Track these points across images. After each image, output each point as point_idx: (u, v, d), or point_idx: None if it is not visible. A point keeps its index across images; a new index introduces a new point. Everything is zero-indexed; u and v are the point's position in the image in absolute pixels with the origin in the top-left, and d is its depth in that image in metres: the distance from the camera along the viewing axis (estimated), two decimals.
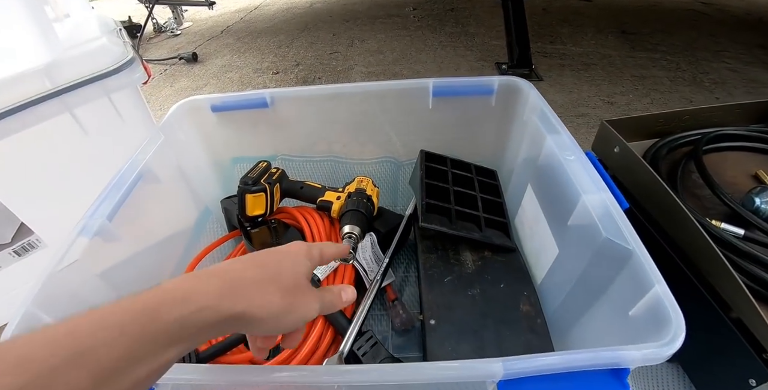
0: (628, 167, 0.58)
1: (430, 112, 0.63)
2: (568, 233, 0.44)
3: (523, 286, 0.49)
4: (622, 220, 0.38)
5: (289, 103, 0.65)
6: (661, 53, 1.51)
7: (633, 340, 0.36)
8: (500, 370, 0.26)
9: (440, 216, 0.53)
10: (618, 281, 0.38)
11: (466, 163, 0.65)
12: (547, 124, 0.50)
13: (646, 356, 0.29)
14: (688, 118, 0.69)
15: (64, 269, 0.41)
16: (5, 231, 0.64)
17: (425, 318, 0.45)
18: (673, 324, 0.30)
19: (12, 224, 0.64)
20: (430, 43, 1.54)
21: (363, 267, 0.54)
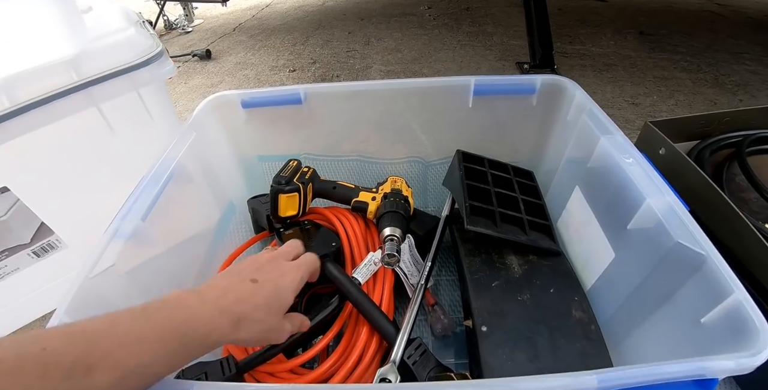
0: (676, 169, 0.56)
1: (468, 110, 0.61)
2: (627, 237, 0.42)
3: (573, 292, 0.47)
4: (692, 224, 0.36)
5: (321, 100, 0.63)
6: (681, 54, 1.49)
7: (706, 350, 0.34)
8: (594, 381, 0.24)
9: (485, 219, 0.51)
10: (687, 288, 0.36)
11: (503, 164, 0.63)
12: (598, 125, 0.49)
13: (738, 365, 0.27)
14: (728, 119, 0.68)
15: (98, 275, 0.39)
16: (24, 231, 0.62)
17: (476, 325, 0.43)
18: (760, 332, 0.28)
19: (32, 224, 0.62)
20: (448, 43, 1.52)
21: (404, 271, 0.52)
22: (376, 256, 0.50)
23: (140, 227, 0.44)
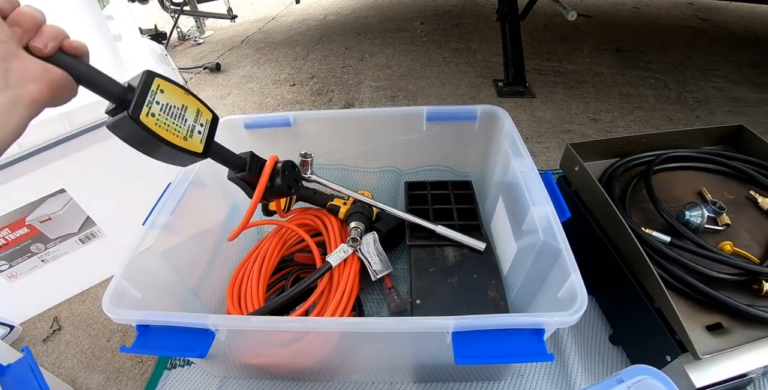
0: (586, 184, 0.70)
1: (424, 132, 0.76)
2: (522, 236, 0.57)
3: (492, 277, 0.62)
4: (558, 227, 0.50)
5: (306, 124, 0.79)
6: (651, 71, 1.62)
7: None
8: (452, 323, 0.39)
9: (423, 233, 0.67)
10: (552, 273, 0.50)
11: (443, 182, 0.80)
12: (514, 149, 0.63)
13: (558, 322, 0.42)
14: (646, 141, 0.81)
15: (142, 252, 0.55)
16: (74, 223, 0.79)
17: (413, 299, 0.58)
18: (578, 300, 0.43)
19: (80, 217, 0.79)
20: (434, 59, 1.66)
21: (367, 259, 0.67)
22: (345, 246, 0.65)
23: (170, 219, 0.60)
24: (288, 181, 0.54)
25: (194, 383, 0.68)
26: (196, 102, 0.43)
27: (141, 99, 0.37)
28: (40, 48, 0.32)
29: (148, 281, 0.55)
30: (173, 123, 0.39)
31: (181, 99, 0.41)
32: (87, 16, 0.69)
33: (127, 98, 0.36)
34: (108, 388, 0.73)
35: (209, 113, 0.45)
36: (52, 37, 0.32)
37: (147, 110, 0.37)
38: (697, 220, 0.66)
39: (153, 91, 0.38)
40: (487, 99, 1.37)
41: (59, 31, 0.33)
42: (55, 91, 0.32)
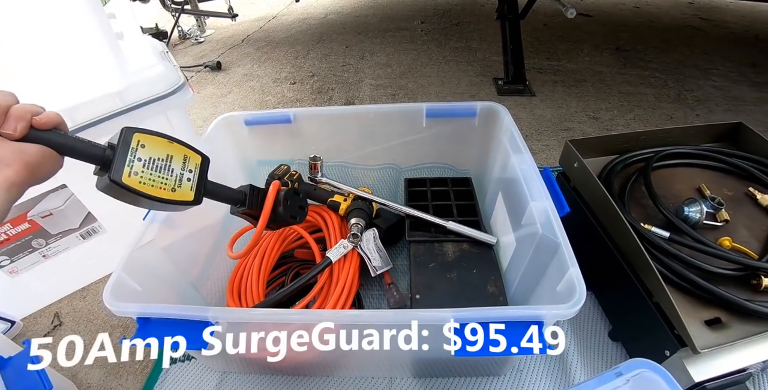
0: (585, 180, 0.71)
1: (424, 129, 0.77)
2: (521, 230, 0.57)
3: (491, 272, 0.62)
4: (556, 221, 0.51)
5: (306, 120, 0.79)
6: (651, 70, 1.62)
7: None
8: (450, 315, 0.40)
9: (422, 230, 0.67)
10: (551, 266, 0.51)
11: (443, 179, 0.80)
12: (513, 145, 0.63)
13: (557, 314, 0.42)
14: (645, 138, 0.82)
15: (142, 247, 0.55)
16: (75, 218, 0.79)
17: (412, 294, 0.58)
18: (577, 293, 0.43)
19: (81, 212, 0.79)
20: (434, 58, 1.67)
21: (367, 255, 0.67)
22: (345, 242, 0.65)
23: (170, 215, 0.60)
24: (292, 211, 0.54)
25: (194, 378, 0.68)
26: (181, 148, 0.42)
27: (121, 160, 0.37)
28: (10, 133, 0.33)
29: (149, 275, 0.55)
30: (159, 177, 0.39)
31: (165, 149, 0.41)
32: (89, 13, 0.69)
33: (109, 159, 0.37)
34: (108, 383, 0.73)
35: (198, 157, 0.44)
36: (18, 119, 0.33)
37: (129, 170, 0.37)
38: (696, 216, 0.67)
39: (133, 148, 0.38)
40: (487, 97, 1.38)
41: (26, 110, 0.34)
42: (34, 169, 0.33)
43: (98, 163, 0.37)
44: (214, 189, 0.48)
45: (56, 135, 0.35)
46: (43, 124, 0.34)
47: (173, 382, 0.69)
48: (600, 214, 0.69)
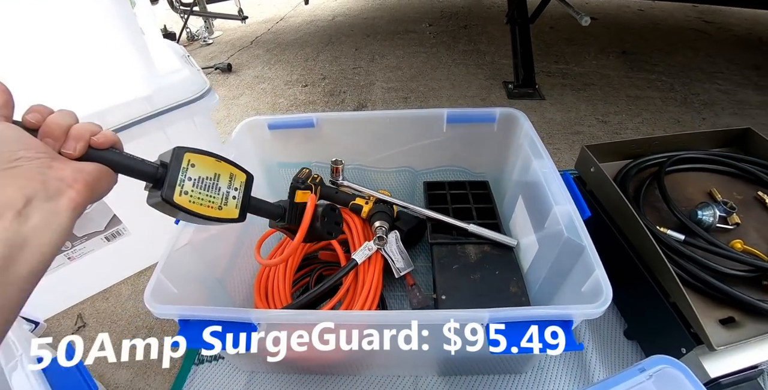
0: (601, 184, 0.73)
1: (444, 134, 0.79)
2: (544, 234, 0.59)
3: (513, 274, 0.64)
4: (580, 225, 0.53)
5: (329, 124, 0.81)
6: (657, 74, 1.64)
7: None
8: (486, 315, 0.42)
9: (444, 232, 0.70)
10: (575, 269, 0.53)
11: (460, 182, 0.82)
12: (534, 151, 0.65)
13: (585, 314, 0.44)
14: (657, 143, 0.84)
15: (178, 249, 0.57)
16: (101, 220, 0.81)
17: (438, 295, 0.60)
18: (604, 293, 0.45)
19: (106, 215, 0.81)
20: (444, 61, 1.69)
21: (391, 257, 0.69)
22: (371, 244, 0.67)
23: None
24: (328, 227, 0.55)
25: (223, 378, 0.70)
26: (228, 167, 0.44)
27: (173, 179, 0.38)
28: (70, 153, 0.34)
29: (183, 277, 0.57)
30: (207, 195, 0.41)
31: (213, 168, 0.42)
32: (119, 16, 0.70)
33: (161, 178, 0.38)
34: (136, 383, 0.74)
35: (243, 175, 0.46)
36: (78, 139, 0.34)
37: (180, 190, 0.38)
38: (709, 219, 0.69)
39: (184, 167, 0.39)
40: (497, 100, 1.40)
41: (86, 129, 0.35)
42: (93, 188, 0.34)
43: (150, 180, 0.38)
44: (257, 205, 0.49)
45: (112, 154, 0.36)
46: (100, 143, 0.35)
47: (201, 382, 0.70)
48: (616, 217, 0.71)
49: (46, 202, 0.31)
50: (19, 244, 0.29)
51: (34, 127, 0.33)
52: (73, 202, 0.32)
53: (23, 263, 0.29)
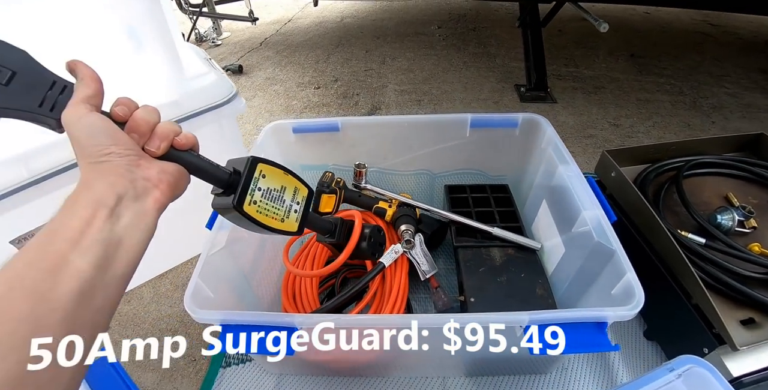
0: (622, 188, 0.74)
1: (466, 138, 0.80)
2: (572, 237, 0.61)
3: (538, 276, 0.66)
4: (609, 229, 0.54)
5: (353, 129, 0.82)
6: (666, 78, 1.66)
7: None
8: (527, 318, 0.43)
9: (467, 235, 0.71)
10: (605, 272, 0.54)
11: (481, 186, 0.84)
12: (559, 156, 0.67)
13: (619, 315, 0.46)
14: (674, 148, 0.85)
15: (214, 253, 0.59)
16: None
17: (466, 297, 0.62)
18: (636, 296, 0.47)
19: None
20: (455, 63, 1.70)
21: (416, 260, 0.71)
22: (397, 247, 0.69)
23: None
24: (373, 248, 0.57)
25: (251, 381, 0.70)
26: (293, 180, 0.45)
27: (245, 188, 0.39)
28: (153, 150, 0.34)
29: (217, 280, 0.58)
30: (272, 207, 0.42)
31: (281, 181, 0.43)
32: (151, 19, 0.71)
33: (233, 184, 0.39)
34: (163, 386, 0.74)
35: (305, 189, 0.47)
36: (163, 138, 0.34)
37: (249, 199, 0.39)
38: (729, 223, 0.71)
39: (256, 178, 0.40)
40: (510, 104, 1.41)
41: (170, 129, 0.35)
42: (174, 189, 0.35)
43: (221, 186, 0.39)
44: (312, 220, 0.49)
45: (191, 155, 0.37)
46: (182, 145, 0.36)
47: (229, 385, 0.70)
48: (637, 220, 0.73)
49: (135, 201, 0.31)
50: (115, 244, 0.29)
51: (121, 121, 0.33)
52: (158, 202, 0.33)
53: (119, 263, 0.29)
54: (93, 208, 0.29)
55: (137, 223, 0.31)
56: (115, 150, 0.31)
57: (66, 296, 0.26)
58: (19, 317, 0.24)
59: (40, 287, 0.25)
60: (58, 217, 0.29)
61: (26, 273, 0.26)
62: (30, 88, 0.32)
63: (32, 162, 0.69)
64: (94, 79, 0.33)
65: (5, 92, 0.31)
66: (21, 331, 0.24)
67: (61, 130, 0.34)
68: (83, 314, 0.27)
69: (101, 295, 0.28)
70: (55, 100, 0.33)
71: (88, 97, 0.32)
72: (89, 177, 0.30)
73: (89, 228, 0.28)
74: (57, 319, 0.25)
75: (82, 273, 0.27)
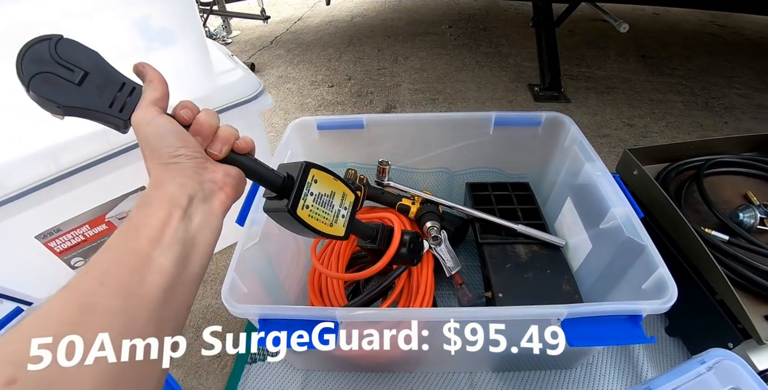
0: (644, 186, 0.75)
1: (489, 136, 0.81)
2: (599, 234, 0.61)
3: (564, 272, 0.67)
4: (639, 225, 0.55)
5: (377, 126, 0.83)
6: (677, 78, 1.66)
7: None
8: (565, 311, 0.44)
9: (492, 232, 0.72)
10: (634, 267, 0.55)
11: (502, 184, 0.85)
12: (584, 153, 0.68)
13: (653, 309, 0.47)
14: (694, 147, 0.86)
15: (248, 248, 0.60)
16: None
17: (494, 293, 0.63)
18: (670, 289, 0.47)
19: None
20: (467, 63, 1.71)
21: (441, 256, 0.72)
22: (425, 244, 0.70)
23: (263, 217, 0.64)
24: (412, 254, 0.58)
25: (278, 377, 0.70)
26: (342, 186, 0.46)
27: (299, 193, 0.40)
28: (216, 154, 0.35)
29: (251, 275, 0.59)
30: (323, 211, 0.43)
31: (331, 186, 0.44)
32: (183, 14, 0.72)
33: (286, 188, 0.40)
34: (188, 382, 0.74)
35: (352, 195, 0.47)
36: (224, 142, 0.35)
37: (302, 203, 0.40)
38: (750, 221, 0.71)
39: (309, 183, 0.41)
40: (524, 103, 1.42)
41: (231, 133, 0.36)
42: (235, 191, 0.36)
43: (275, 190, 0.40)
44: (357, 226, 0.50)
45: (249, 159, 0.38)
46: (241, 149, 0.37)
47: (256, 381, 0.70)
48: (660, 217, 0.73)
49: (203, 203, 0.32)
50: (190, 243, 0.30)
51: (186, 124, 0.34)
52: (224, 204, 0.34)
53: (195, 262, 0.30)
54: (168, 209, 0.30)
55: (207, 224, 0.32)
56: (184, 152, 0.32)
57: (153, 293, 0.27)
58: (112, 312, 0.25)
59: (128, 284, 0.26)
60: (135, 216, 0.30)
61: (114, 270, 0.27)
62: (101, 88, 0.33)
63: (61, 157, 0.70)
64: (161, 82, 0.35)
65: (78, 92, 0.32)
66: (116, 326, 0.25)
67: (126, 130, 0.35)
68: (167, 310, 0.28)
69: (181, 292, 0.29)
70: (124, 102, 0.34)
71: (157, 100, 0.34)
72: (160, 177, 0.31)
73: (167, 227, 0.29)
74: (146, 316, 0.26)
75: (166, 270, 0.28)
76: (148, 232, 0.29)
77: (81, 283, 0.26)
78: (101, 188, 0.74)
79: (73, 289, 0.26)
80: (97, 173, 0.73)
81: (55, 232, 0.76)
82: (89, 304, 0.25)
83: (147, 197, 0.31)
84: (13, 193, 0.63)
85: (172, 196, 0.30)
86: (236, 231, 0.62)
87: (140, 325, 0.26)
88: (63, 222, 0.75)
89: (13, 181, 0.64)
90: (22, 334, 0.23)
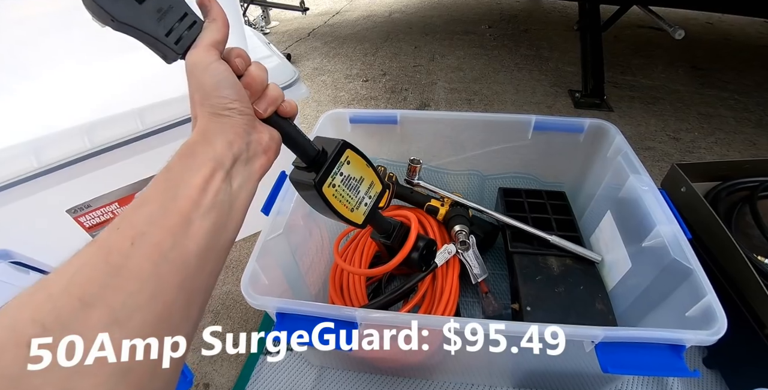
0: (692, 205, 0.70)
1: (527, 141, 0.77)
2: (641, 253, 0.57)
3: (598, 290, 0.63)
4: (687, 246, 0.51)
5: (411, 122, 0.81)
6: (729, 92, 1.57)
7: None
8: (601, 333, 0.41)
9: (523, 241, 0.69)
10: (678, 291, 0.51)
11: (537, 191, 0.80)
12: (630, 165, 0.64)
13: (698, 340, 0.43)
14: (748, 167, 0.80)
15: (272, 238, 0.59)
16: None
17: (522, 305, 0.60)
18: (719, 320, 0.44)
19: None
20: (506, 64, 1.66)
21: (468, 262, 0.69)
22: (450, 247, 0.67)
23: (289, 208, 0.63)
24: (425, 261, 0.55)
25: (292, 371, 0.70)
26: (372, 174, 0.44)
27: (329, 170, 0.39)
28: (261, 112, 0.33)
29: (272, 267, 0.58)
30: (347, 194, 0.42)
31: (361, 171, 0.43)
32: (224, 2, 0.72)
33: (318, 162, 0.38)
34: (203, 367, 0.75)
35: (380, 186, 0.46)
36: (272, 102, 0.33)
37: (330, 181, 0.39)
38: None
39: (341, 162, 0.40)
40: (564, 109, 1.37)
41: (278, 94, 0.34)
42: (275, 155, 0.34)
43: (306, 161, 0.39)
44: (376, 218, 0.49)
45: (289, 125, 0.36)
46: (286, 112, 0.35)
47: (269, 373, 0.70)
48: (707, 240, 0.68)
49: (245, 164, 0.30)
50: (228, 208, 0.28)
51: (238, 74, 0.32)
52: (263, 168, 0.32)
53: (229, 227, 0.28)
54: (212, 167, 0.28)
55: (245, 188, 0.30)
56: (238, 106, 0.30)
57: (187, 258, 0.25)
58: (142, 276, 0.23)
59: (163, 246, 0.24)
60: (176, 167, 0.28)
61: (149, 229, 0.25)
62: (162, 13, 0.30)
63: (96, 134, 0.71)
64: (225, 23, 0.32)
65: (137, 10, 0.29)
66: (145, 290, 0.23)
67: (172, 62, 0.32)
68: (199, 277, 0.26)
69: (213, 258, 0.27)
70: (181, 34, 0.31)
71: (217, 43, 0.31)
72: (208, 127, 0.30)
73: (209, 188, 0.27)
74: (177, 282, 0.24)
75: (202, 235, 0.26)
76: (189, 192, 0.27)
77: (111, 240, 0.24)
78: (132, 167, 0.74)
79: (102, 246, 0.24)
80: (129, 152, 0.73)
81: (86, 208, 0.77)
82: (118, 265, 0.23)
83: (191, 148, 0.29)
84: (49, 167, 0.64)
85: (217, 153, 0.29)
86: (259, 219, 0.61)
87: (171, 292, 0.24)
88: (93, 198, 0.77)
89: (48, 155, 0.65)
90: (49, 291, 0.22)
